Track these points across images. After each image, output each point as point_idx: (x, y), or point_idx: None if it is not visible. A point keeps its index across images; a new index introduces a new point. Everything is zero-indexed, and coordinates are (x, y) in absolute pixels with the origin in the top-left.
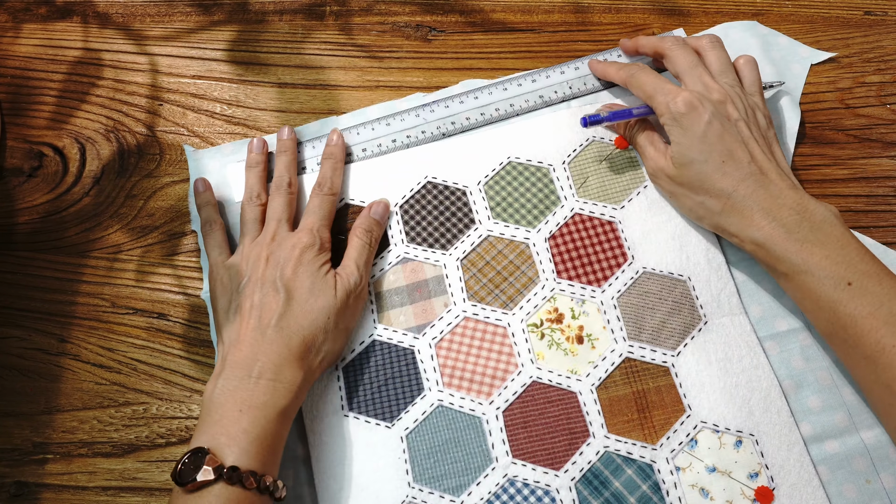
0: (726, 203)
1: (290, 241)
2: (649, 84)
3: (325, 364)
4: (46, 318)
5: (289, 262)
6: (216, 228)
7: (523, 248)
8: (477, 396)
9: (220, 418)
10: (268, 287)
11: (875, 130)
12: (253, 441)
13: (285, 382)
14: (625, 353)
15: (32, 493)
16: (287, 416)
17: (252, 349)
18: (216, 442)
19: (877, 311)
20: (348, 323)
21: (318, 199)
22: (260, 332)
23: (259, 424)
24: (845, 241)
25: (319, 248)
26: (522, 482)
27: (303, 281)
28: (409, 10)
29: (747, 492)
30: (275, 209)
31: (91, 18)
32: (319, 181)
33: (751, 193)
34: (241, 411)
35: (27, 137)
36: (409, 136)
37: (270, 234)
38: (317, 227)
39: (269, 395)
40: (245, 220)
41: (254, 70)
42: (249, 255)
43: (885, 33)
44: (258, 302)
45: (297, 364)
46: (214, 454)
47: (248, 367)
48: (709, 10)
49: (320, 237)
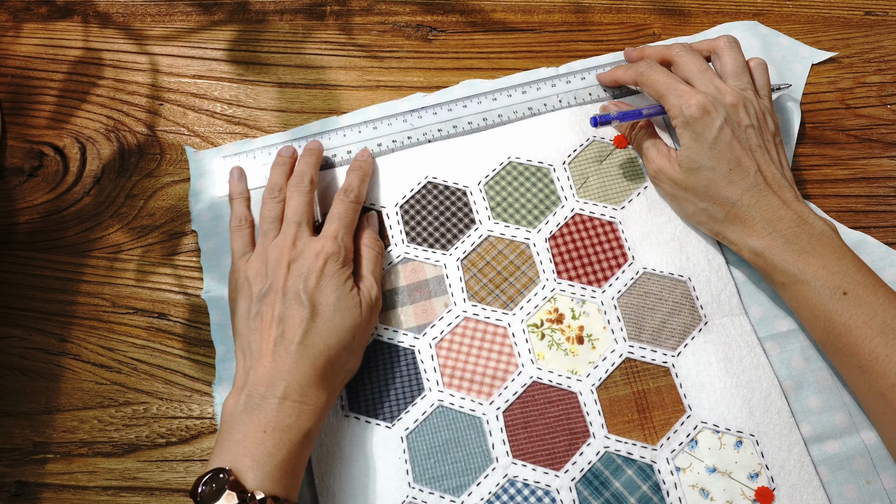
0: (730, 211)
1: (313, 248)
2: (661, 83)
3: (344, 382)
4: (47, 318)
5: (312, 273)
6: (245, 226)
7: (524, 249)
8: (477, 397)
9: (244, 438)
10: (291, 299)
11: (875, 131)
12: (277, 465)
13: (310, 405)
14: (625, 354)
15: (33, 493)
16: (310, 439)
17: (276, 367)
18: (240, 464)
19: (871, 321)
20: (367, 337)
21: (342, 205)
22: (284, 349)
23: (284, 448)
24: (842, 253)
25: (344, 258)
26: (523, 482)
27: (327, 296)
28: (409, 10)
29: (747, 492)
30: (294, 209)
31: (91, 18)
32: (345, 188)
33: (754, 204)
34: (265, 433)
35: (27, 137)
36: (409, 136)
37: (291, 238)
38: (341, 235)
39: (294, 418)
40: (265, 217)
41: (254, 70)
42: (269, 258)
43: (885, 33)
44: (280, 314)
45: (322, 385)
46: (237, 476)
47: (272, 385)
48: (709, 10)
49: (344, 246)
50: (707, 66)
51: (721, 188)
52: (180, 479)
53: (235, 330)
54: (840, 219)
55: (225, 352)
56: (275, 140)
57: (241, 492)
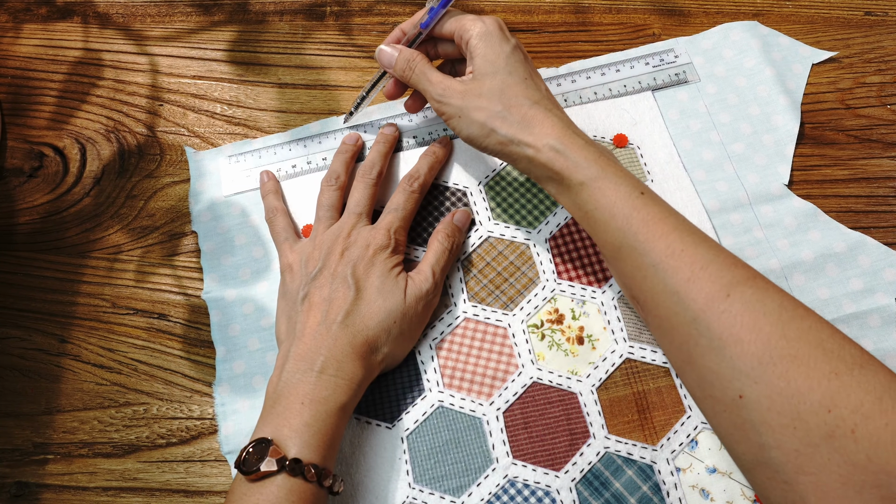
0: (527, 113)
1: (365, 238)
2: (453, 20)
3: (385, 365)
4: (47, 319)
5: (361, 261)
6: (279, 214)
7: (524, 249)
8: (477, 397)
9: (284, 410)
10: (339, 282)
11: (875, 131)
12: (314, 434)
13: (346, 378)
14: (625, 354)
15: (33, 494)
16: (346, 412)
17: (316, 343)
18: (279, 434)
19: (667, 219)
20: (414, 329)
21: (403, 195)
22: (325, 327)
23: (320, 419)
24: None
25: (393, 250)
26: (523, 483)
27: (373, 280)
28: (409, 11)
29: (748, 493)
30: (357, 201)
31: (91, 19)
32: (412, 174)
33: (553, 108)
34: (302, 404)
35: (27, 138)
36: (414, 136)
37: (349, 228)
38: (395, 228)
39: (330, 390)
40: (322, 205)
41: (254, 70)
42: (323, 244)
43: (885, 34)
44: (328, 295)
45: (359, 361)
46: (278, 445)
47: (311, 360)
48: (709, 10)
49: (396, 239)
50: None
51: (519, 91)
52: (180, 479)
53: (282, 311)
54: (840, 219)
55: (225, 352)
56: (275, 140)
57: (281, 458)
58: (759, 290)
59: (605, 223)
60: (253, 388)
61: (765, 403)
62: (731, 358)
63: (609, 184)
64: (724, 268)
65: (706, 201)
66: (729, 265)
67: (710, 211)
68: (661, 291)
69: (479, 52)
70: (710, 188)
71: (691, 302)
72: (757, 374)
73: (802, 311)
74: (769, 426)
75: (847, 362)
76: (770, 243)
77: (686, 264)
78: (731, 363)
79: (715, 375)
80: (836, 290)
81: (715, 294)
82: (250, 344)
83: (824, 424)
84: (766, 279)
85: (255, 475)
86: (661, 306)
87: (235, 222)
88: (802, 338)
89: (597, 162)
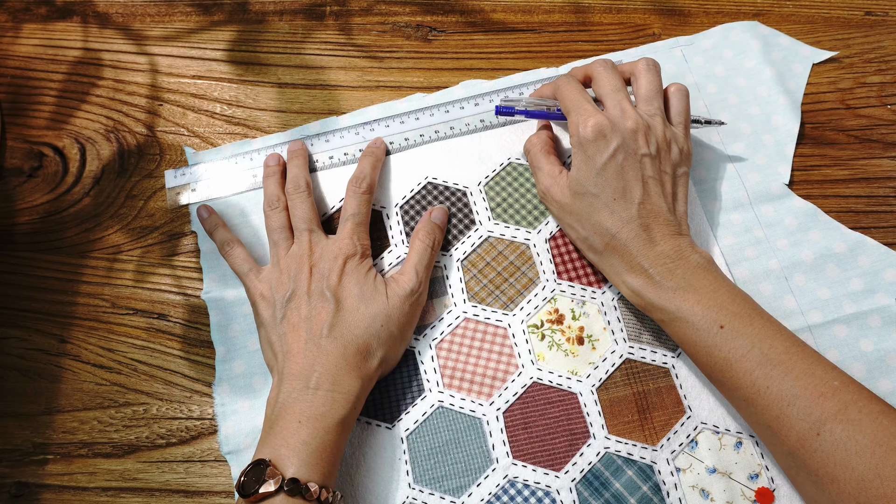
0: (608, 243)
1: (331, 250)
2: (569, 99)
3: (382, 370)
4: (46, 319)
5: (333, 272)
6: (235, 245)
7: (524, 249)
8: (477, 397)
9: (282, 430)
10: (316, 298)
11: (876, 131)
12: (312, 453)
13: (343, 392)
14: (625, 354)
15: (33, 494)
16: (346, 426)
17: (307, 360)
18: (277, 454)
19: (749, 354)
20: (404, 330)
21: (355, 200)
22: (314, 343)
23: (318, 436)
24: (717, 285)
25: (361, 255)
26: (523, 483)
27: (350, 289)
28: (409, 11)
29: (748, 493)
30: (301, 216)
31: (91, 18)
32: (357, 175)
33: (632, 238)
34: (300, 423)
35: (27, 137)
36: (406, 138)
37: (307, 245)
38: (357, 234)
39: (327, 406)
40: (272, 229)
41: (254, 70)
42: (289, 267)
43: (885, 34)
44: (307, 314)
45: (354, 373)
46: (275, 466)
47: (305, 378)
48: (709, 10)
49: (361, 244)
50: (620, 87)
51: (602, 217)
52: (180, 479)
53: (264, 339)
54: (840, 219)
55: (225, 353)
56: (274, 140)
57: (278, 479)
58: (851, 424)
59: (693, 357)
60: (253, 389)
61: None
62: (829, 493)
63: (684, 325)
64: (812, 402)
65: (706, 201)
66: (817, 398)
67: (711, 211)
68: (756, 423)
69: (575, 164)
70: (710, 188)
71: (784, 438)
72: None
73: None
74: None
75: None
76: (770, 243)
77: (773, 402)
78: (830, 498)
79: (817, 503)
80: (837, 290)
81: (805, 433)
82: (250, 344)
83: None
84: (861, 404)
85: (254, 497)
86: (761, 434)
87: (235, 222)
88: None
89: (672, 301)
